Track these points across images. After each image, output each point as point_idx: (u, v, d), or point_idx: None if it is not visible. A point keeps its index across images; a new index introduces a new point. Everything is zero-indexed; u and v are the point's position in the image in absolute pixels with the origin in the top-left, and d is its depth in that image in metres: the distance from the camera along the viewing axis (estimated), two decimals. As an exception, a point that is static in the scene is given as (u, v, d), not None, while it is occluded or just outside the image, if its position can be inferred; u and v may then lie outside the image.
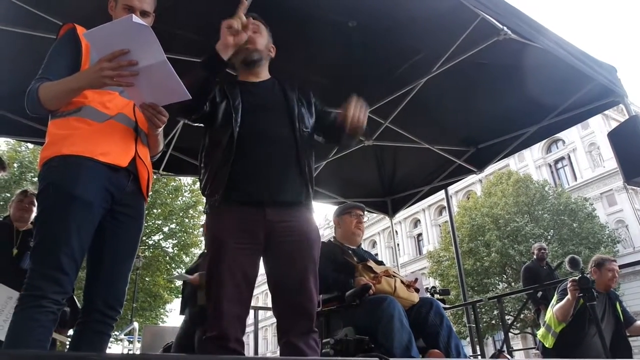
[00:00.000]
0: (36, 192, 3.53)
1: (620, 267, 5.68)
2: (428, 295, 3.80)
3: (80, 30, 1.73)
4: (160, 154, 2.07)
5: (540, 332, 3.95)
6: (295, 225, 1.82)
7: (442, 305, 2.83)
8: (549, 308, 3.84)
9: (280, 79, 2.09)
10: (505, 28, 3.05)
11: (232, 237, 1.72)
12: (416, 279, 2.90)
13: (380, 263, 3.05)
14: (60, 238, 1.53)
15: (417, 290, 2.81)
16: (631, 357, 3.61)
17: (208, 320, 1.72)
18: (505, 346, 4.79)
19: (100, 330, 1.66)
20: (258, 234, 1.76)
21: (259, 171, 1.81)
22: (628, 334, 3.81)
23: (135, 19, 1.44)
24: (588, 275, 3.38)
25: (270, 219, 1.77)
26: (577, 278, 3.34)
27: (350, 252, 3.00)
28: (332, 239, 3.23)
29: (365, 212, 3.92)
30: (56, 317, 1.49)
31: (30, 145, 13.79)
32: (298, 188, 1.86)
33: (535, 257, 6.95)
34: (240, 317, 1.72)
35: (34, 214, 3.42)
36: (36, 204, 3.41)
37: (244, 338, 1.73)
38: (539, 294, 5.98)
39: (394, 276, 2.77)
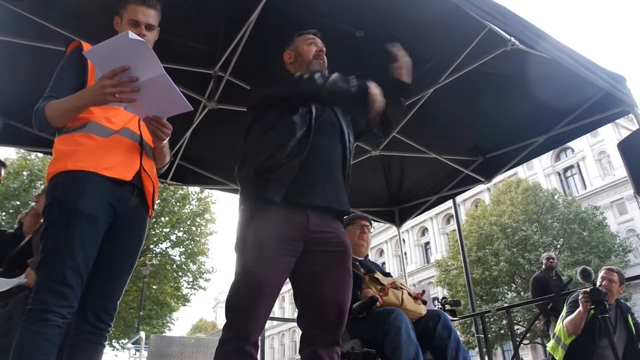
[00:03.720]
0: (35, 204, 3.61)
1: (632, 278, 5.61)
2: (437, 306, 3.76)
3: (87, 47, 1.76)
4: (167, 166, 2.08)
5: (550, 345, 3.89)
6: (333, 237, 1.83)
7: (450, 317, 2.80)
8: (559, 320, 3.79)
9: None
10: (512, 38, 3.03)
11: (275, 242, 1.70)
12: (423, 291, 2.87)
13: (387, 275, 3.02)
14: (65, 252, 1.54)
15: (424, 303, 2.78)
16: None
17: (229, 319, 1.69)
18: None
19: (92, 341, 1.66)
20: (298, 243, 1.75)
21: (318, 177, 1.82)
22: (640, 348, 3.74)
23: (132, 35, 1.46)
24: (600, 287, 3.33)
25: (313, 229, 1.77)
26: (588, 290, 3.29)
27: (357, 263, 2.97)
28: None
29: (373, 222, 3.90)
30: (62, 331, 1.50)
31: (40, 154, 13.91)
32: (345, 200, 1.90)
33: (544, 266, 6.86)
34: (264, 322, 1.74)
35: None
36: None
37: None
38: (550, 305, 5.90)
39: (401, 288, 2.75)
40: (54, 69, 1.81)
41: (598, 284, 3.58)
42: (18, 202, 14.67)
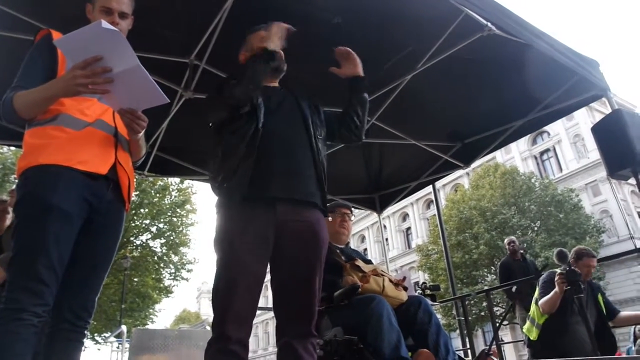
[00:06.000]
0: (8, 198, 3.52)
1: (607, 258, 5.78)
2: (418, 291, 3.81)
3: (56, 35, 1.69)
4: (143, 158, 2.04)
5: (525, 327, 4.00)
6: (306, 226, 1.82)
7: (431, 302, 2.84)
8: (532, 302, 3.89)
9: (289, 88, 2.13)
10: (489, 24, 3.04)
11: (242, 236, 1.72)
12: (404, 277, 2.89)
13: (369, 262, 3.03)
14: (39, 249, 1.49)
15: (405, 289, 2.80)
16: (615, 344, 3.68)
17: (213, 318, 1.69)
18: (494, 342, 4.81)
19: (70, 338, 1.63)
20: (268, 233, 1.76)
21: (276, 169, 1.82)
22: (612, 325, 3.87)
23: (105, 24, 1.41)
24: (575, 268, 3.42)
25: (282, 218, 1.78)
26: (564, 271, 3.37)
27: (338, 251, 2.98)
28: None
29: (354, 209, 3.92)
30: (38, 330, 1.46)
31: (13, 147, 13.52)
32: (313, 190, 1.88)
33: (508, 251, 6.98)
34: (247, 319, 1.72)
35: (8, 221, 3.38)
36: (10, 212, 3.38)
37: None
38: (514, 288, 6.07)
39: (382, 275, 2.76)
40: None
41: (584, 271, 3.68)
42: (-9, 197, 14.29)
